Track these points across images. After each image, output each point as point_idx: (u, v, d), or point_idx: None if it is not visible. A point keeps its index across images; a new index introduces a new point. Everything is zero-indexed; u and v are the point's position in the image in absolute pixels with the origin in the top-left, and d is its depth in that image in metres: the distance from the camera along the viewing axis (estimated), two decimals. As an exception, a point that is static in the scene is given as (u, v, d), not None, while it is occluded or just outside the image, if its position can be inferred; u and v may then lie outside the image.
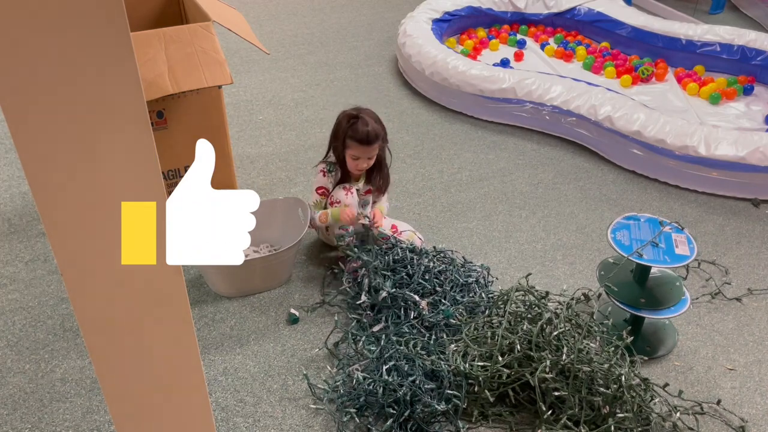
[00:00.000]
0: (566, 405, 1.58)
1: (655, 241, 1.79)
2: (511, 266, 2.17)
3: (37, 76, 0.65)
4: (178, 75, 1.93)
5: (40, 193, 0.71)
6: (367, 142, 1.98)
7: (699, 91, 3.15)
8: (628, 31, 3.55)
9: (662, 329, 1.94)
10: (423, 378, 1.66)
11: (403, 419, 1.61)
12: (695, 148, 2.47)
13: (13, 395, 1.71)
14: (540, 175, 2.65)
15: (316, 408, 1.69)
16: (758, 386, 1.79)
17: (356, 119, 1.99)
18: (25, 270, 2.10)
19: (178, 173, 2.18)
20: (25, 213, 2.34)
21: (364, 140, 1.97)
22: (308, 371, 1.79)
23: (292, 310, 1.97)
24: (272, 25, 4.00)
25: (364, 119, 1.98)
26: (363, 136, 1.97)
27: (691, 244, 1.79)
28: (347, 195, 2.05)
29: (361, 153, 2.01)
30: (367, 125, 1.97)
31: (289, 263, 2.06)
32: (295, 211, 2.14)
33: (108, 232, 0.77)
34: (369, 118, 2.00)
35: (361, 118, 1.99)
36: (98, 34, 0.66)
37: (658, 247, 1.77)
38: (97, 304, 0.82)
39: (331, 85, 3.29)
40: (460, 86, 2.96)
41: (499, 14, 3.83)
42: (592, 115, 2.72)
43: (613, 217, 1.98)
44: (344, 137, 2.01)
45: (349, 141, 2.00)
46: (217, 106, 2.12)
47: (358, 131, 1.97)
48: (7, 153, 2.66)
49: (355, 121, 1.99)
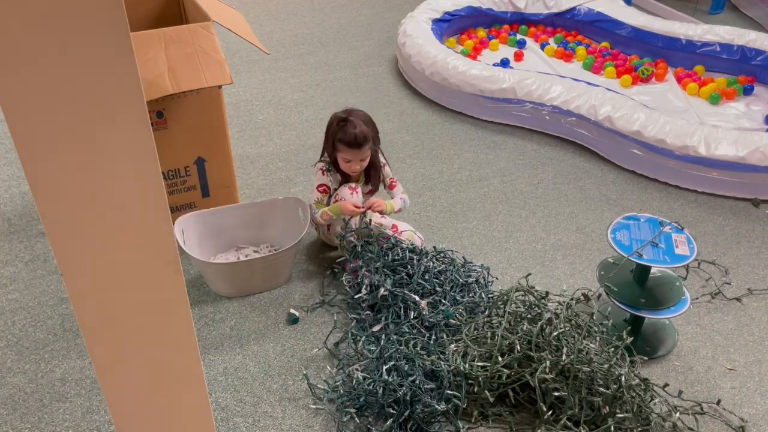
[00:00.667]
0: (566, 405, 1.58)
1: (655, 241, 1.79)
2: (511, 266, 2.17)
3: (37, 76, 0.65)
4: (178, 75, 1.93)
5: (40, 193, 0.71)
6: (355, 144, 1.97)
7: (699, 91, 3.15)
8: (628, 31, 3.55)
9: (662, 329, 1.94)
10: (423, 378, 1.66)
11: (403, 419, 1.61)
12: (695, 148, 2.47)
13: (13, 395, 1.71)
14: (540, 175, 2.65)
15: (316, 408, 1.69)
16: (758, 386, 1.79)
17: (345, 122, 1.98)
18: (25, 270, 2.10)
19: (178, 173, 2.17)
20: (25, 213, 2.34)
21: (352, 143, 1.97)
22: (308, 371, 1.79)
23: (291, 310, 1.97)
24: (272, 25, 4.00)
25: (352, 122, 1.97)
26: (351, 138, 1.96)
27: (691, 244, 1.79)
28: (352, 194, 2.05)
29: (351, 156, 2.00)
30: (356, 128, 1.96)
31: (289, 263, 2.06)
32: (295, 211, 2.14)
33: (108, 232, 0.77)
34: (358, 120, 1.99)
35: (350, 120, 1.98)
36: (98, 34, 0.66)
37: (658, 247, 1.77)
38: (97, 304, 0.82)
39: (331, 85, 3.29)
40: (460, 86, 2.96)
41: (499, 14, 3.83)
42: (592, 115, 2.72)
43: (613, 217, 1.98)
44: (334, 140, 2.01)
45: (338, 144, 2.00)
46: (217, 106, 2.11)
47: (347, 134, 1.96)
48: (7, 153, 2.66)
49: (344, 124, 1.98)
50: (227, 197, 2.29)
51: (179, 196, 2.21)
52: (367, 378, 1.68)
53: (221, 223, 2.13)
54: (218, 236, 2.14)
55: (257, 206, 2.16)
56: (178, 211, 2.21)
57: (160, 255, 0.82)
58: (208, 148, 2.17)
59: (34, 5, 0.62)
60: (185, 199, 2.22)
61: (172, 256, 0.82)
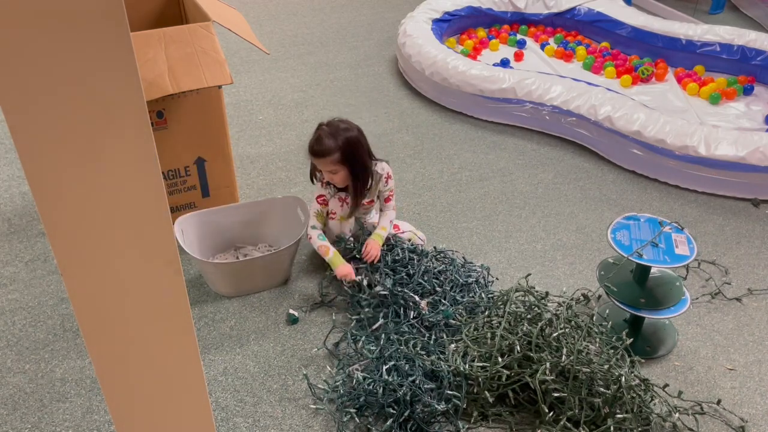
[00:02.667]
0: (566, 406, 1.58)
1: (655, 241, 1.79)
2: (511, 266, 2.17)
3: (37, 76, 0.65)
4: (178, 75, 1.93)
5: (40, 193, 0.71)
6: (315, 154, 1.93)
7: (699, 91, 3.15)
8: (628, 31, 3.55)
9: (662, 329, 1.94)
10: (423, 378, 1.66)
11: (403, 419, 1.61)
12: (695, 148, 2.47)
13: (13, 395, 1.71)
14: (540, 175, 2.65)
15: (315, 408, 1.69)
16: (758, 386, 1.79)
17: (318, 130, 1.95)
18: (25, 270, 2.10)
19: (178, 173, 2.17)
20: (25, 213, 2.34)
21: (313, 153, 1.94)
22: (308, 371, 1.79)
23: (291, 310, 1.97)
24: (272, 25, 4.00)
25: (320, 132, 1.93)
26: (310, 147, 1.94)
27: (691, 244, 1.79)
28: (342, 206, 2.03)
29: (319, 165, 1.97)
30: (318, 139, 1.92)
31: (288, 262, 2.06)
32: (294, 209, 2.14)
33: (108, 232, 0.77)
34: (328, 130, 1.93)
35: (321, 129, 1.94)
36: (98, 34, 0.66)
37: (658, 247, 1.77)
38: (97, 304, 0.82)
39: (331, 85, 3.29)
40: (460, 86, 2.96)
41: (499, 14, 3.82)
42: (592, 115, 2.72)
43: (613, 217, 1.98)
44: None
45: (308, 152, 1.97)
46: (217, 106, 2.12)
47: (311, 144, 1.94)
48: (7, 153, 2.66)
49: (316, 132, 1.95)
50: (227, 197, 2.29)
51: (179, 196, 2.21)
52: (367, 378, 1.68)
53: (220, 223, 2.13)
54: (217, 236, 2.14)
55: (256, 205, 2.16)
56: (178, 211, 2.21)
57: (160, 255, 0.82)
58: (208, 148, 2.17)
59: (34, 5, 0.62)
60: (185, 199, 2.22)
61: (172, 256, 0.82)
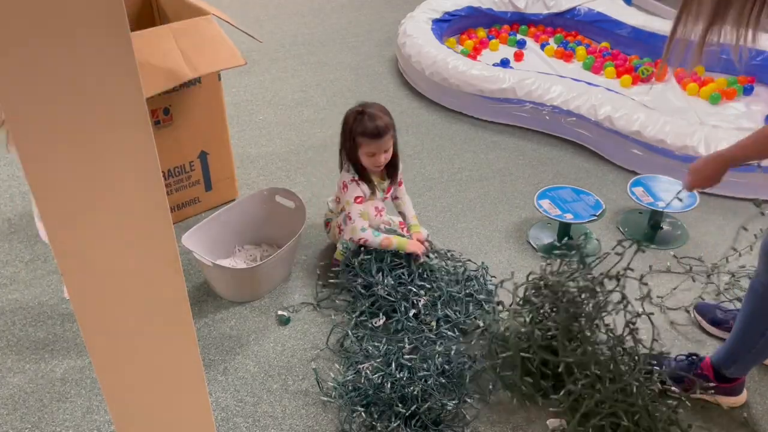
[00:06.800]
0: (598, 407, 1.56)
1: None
2: (511, 266, 2.17)
3: (36, 76, 0.65)
4: (195, 61, 1.96)
5: (40, 193, 0.71)
6: (378, 135, 1.90)
7: (699, 91, 3.15)
8: (628, 31, 3.55)
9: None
10: (425, 376, 1.66)
11: (408, 416, 1.61)
12: (695, 148, 2.47)
13: (13, 395, 1.71)
14: (540, 175, 2.65)
15: (316, 408, 1.69)
16: (758, 386, 1.79)
17: (362, 114, 1.92)
18: (25, 270, 2.10)
19: (184, 169, 2.21)
20: (25, 213, 2.34)
21: (375, 134, 1.89)
22: (308, 371, 1.79)
23: (280, 311, 1.96)
24: (272, 25, 4.00)
25: (371, 113, 1.91)
26: (373, 128, 1.89)
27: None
28: (377, 216, 2.02)
29: (375, 148, 1.92)
30: (376, 117, 1.90)
31: (288, 261, 2.06)
32: (290, 204, 2.12)
33: (108, 232, 0.77)
34: (376, 110, 1.93)
35: (367, 112, 1.91)
36: (98, 33, 0.66)
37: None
38: (97, 304, 0.81)
39: (331, 85, 3.29)
40: (460, 86, 2.96)
41: (499, 14, 3.82)
42: (592, 115, 2.72)
43: (614, 217, 1.97)
44: (354, 135, 1.93)
45: (360, 138, 1.92)
46: (216, 97, 2.19)
47: (368, 126, 1.89)
48: (7, 153, 2.66)
49: (362, 117, 1.91)
50: (227, 189, 2.36)
51: (185, 192, 2.26)
52: (368, 376, 1.68)
53: (221, 229, 2.10)
54: (218, 241, 2.11)
55: (255, 205, 2.16)
56: (184, 208, 2.27)
57: (160, 255, 0.81)
58: (210, 140, 2.24)
59: (33, 5, 0.62)
60: (190, 194, 2.28)
61: (172, 256, 0.82)
